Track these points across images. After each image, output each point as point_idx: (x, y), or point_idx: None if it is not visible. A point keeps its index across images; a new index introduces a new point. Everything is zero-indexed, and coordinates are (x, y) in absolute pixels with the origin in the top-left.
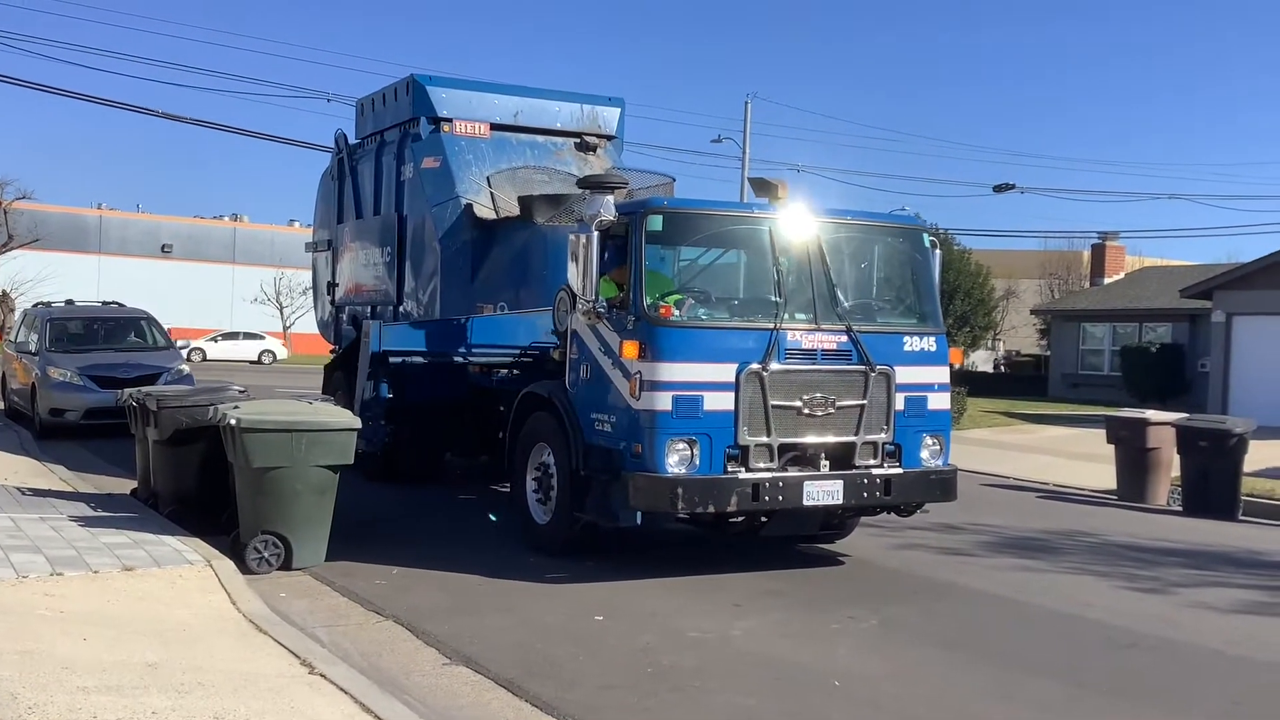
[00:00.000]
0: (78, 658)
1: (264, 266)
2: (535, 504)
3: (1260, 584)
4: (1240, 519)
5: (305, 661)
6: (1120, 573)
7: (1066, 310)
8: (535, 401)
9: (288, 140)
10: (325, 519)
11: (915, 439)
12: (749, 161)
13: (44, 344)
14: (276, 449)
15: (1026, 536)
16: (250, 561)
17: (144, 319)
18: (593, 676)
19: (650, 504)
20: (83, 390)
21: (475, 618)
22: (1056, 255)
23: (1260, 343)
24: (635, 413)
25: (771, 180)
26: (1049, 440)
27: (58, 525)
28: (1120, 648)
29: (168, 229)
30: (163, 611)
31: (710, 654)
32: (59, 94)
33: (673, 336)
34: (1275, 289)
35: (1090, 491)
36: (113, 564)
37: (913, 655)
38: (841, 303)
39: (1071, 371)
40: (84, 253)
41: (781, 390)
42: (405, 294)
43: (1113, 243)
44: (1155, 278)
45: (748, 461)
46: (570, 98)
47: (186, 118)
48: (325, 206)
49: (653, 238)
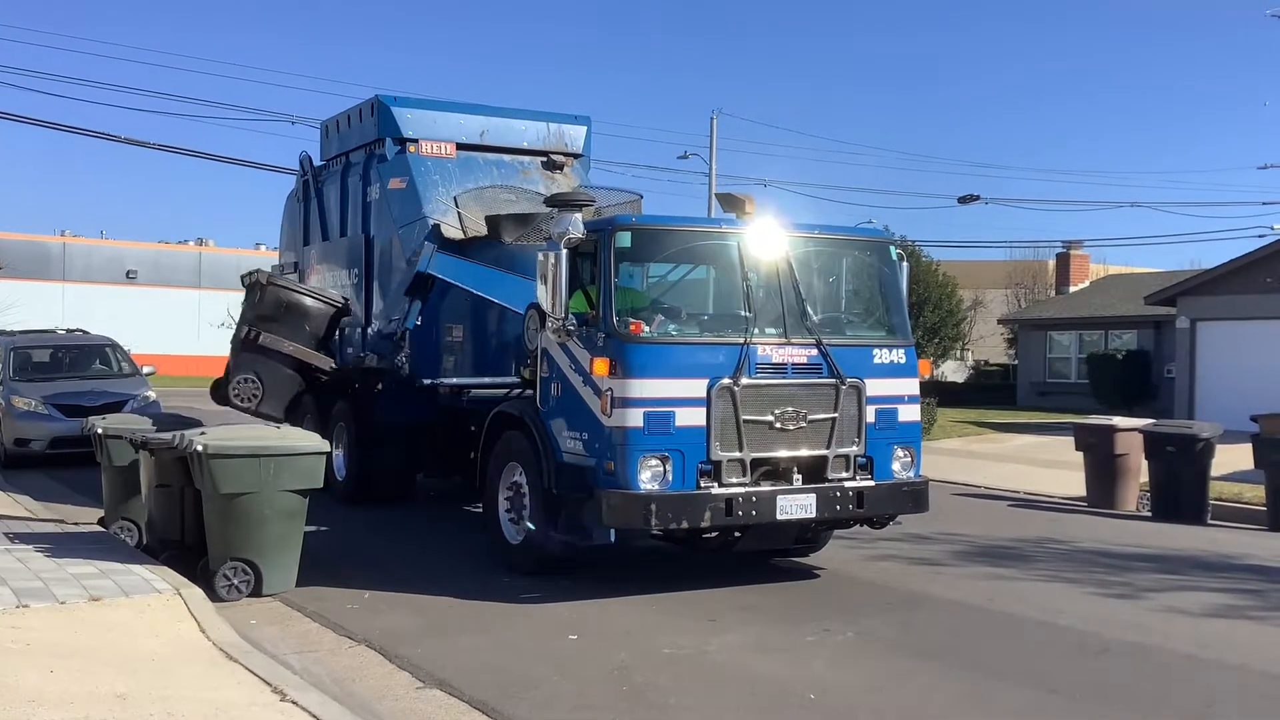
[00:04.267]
0: (45, 690)
1: (230, 291)
2: (508, 524)
3: (1230, 587)
4: (1209, 523)
5: (277, 689)
6: (1091, 579)
7: (1033, 319)
8: (506, 421)
9: (252, 163)
10: (295, 544)
11: (886, 451)
12: (716, 177)
13: (7, 373)
14: (244, 475)
15: (998, 545)
16: (220, 589)
17: (109, 346)
18: (568, 696)
19: (624, 521)
20: (48, 419)
21: (449, 640)
22: (1022, 265)
23: (1225, 348)
24: (607, 430)
25: (739, 195)
26: (1018, 449)
27: (23, 556)
28: (1093, 654)
29: (132, 255)
30: (131, 641)
31: (686, 670)
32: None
33: (643, 353)
34: (1238, 294)
35: (1060, 499)
36: (80, 594)
37: (888, 666)
38: (811, 316)
39: (1039, 380)
40: (47, 280)
41: (753, 405)
42: (374, 314)
43: (1077, 252)
44: (1120, 285)
45: (720, 477)
46: (536, 116)
47: (149, 143)
48: (291, 229)
49: (622, 254)
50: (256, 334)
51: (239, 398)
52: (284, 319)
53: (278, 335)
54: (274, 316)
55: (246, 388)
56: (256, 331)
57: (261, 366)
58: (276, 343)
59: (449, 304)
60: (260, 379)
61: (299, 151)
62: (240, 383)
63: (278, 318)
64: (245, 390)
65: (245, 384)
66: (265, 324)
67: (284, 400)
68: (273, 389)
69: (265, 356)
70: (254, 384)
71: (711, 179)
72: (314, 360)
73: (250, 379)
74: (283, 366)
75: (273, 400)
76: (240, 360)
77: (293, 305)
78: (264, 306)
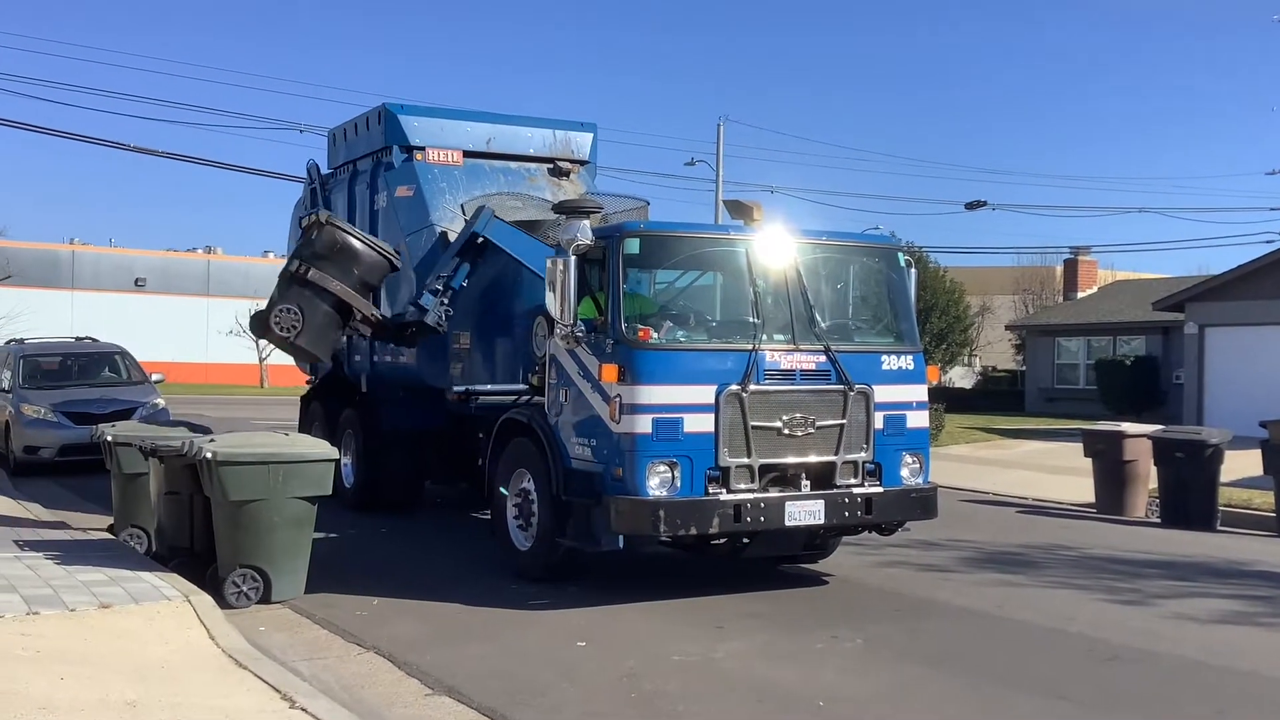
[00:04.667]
0: (55, 698)
1: (239, 298)
2: (516, 530)
3: (1240, 594)
4: (1218, 529)
5: (286, 696)
6: (1101, 585)
7: (1041, 325)
8: (514, 427)
9: (260, 171)
10: (304, 551)
11: (895, 457)
12: (723, 184)
13: (17, 381)
14: (253, 482)
15: (1007, 552)
16: (229, 596)
17: (118, 354)
18: (576, 703)
19: (632, 527)
20: (57, 427)
21: (457, 647)
22: (1030, 271)
23: (1233, 354)
24: (615, 436)
25: (746, 202)
26: (1027, 455)
27: (33, 563)
28: (1102, 660)
29: (141, 263)
30: (141, 648)
31: (694, 677)
32: (30, 129)
33: (652, 359)
34: (1246, 300)
35: (1069, 505)
36: (90, 602)
37: (897, 674)
38: (819, 323)
39: (1047, 386)
40: (56, 288)
41: (761, 411)
42: None
43: (1085, 257)
44: (1128, 291)
45: (729, 483)
46: (543, 123)
47: (158, 151)
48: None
49: (630, 261)
50: (306, 269)
51: (279, 326)
52: (335, 259)
53: (326, 274)
54: (325, 255)
55: (287, 318)
56: (306, 267)
57: (305, 301)
58: (324, 280)
59: (456, 312)
60: (302, 312)
61: (306, 160)
62: (281, 312)
63: (329, 257)
64: (285, 320)
65: (286, 314)
66: (316, 261)
67: (320, 339)
68: (311, 324)
69: (310, 292)
70: (295, 315)
71: (719, 185)
72: (357, 303)
73: (292, 310)
74: (325, 304)
75: (310, 335)
76: (285, 293)
77: (346, 248)
78: (317, 245)
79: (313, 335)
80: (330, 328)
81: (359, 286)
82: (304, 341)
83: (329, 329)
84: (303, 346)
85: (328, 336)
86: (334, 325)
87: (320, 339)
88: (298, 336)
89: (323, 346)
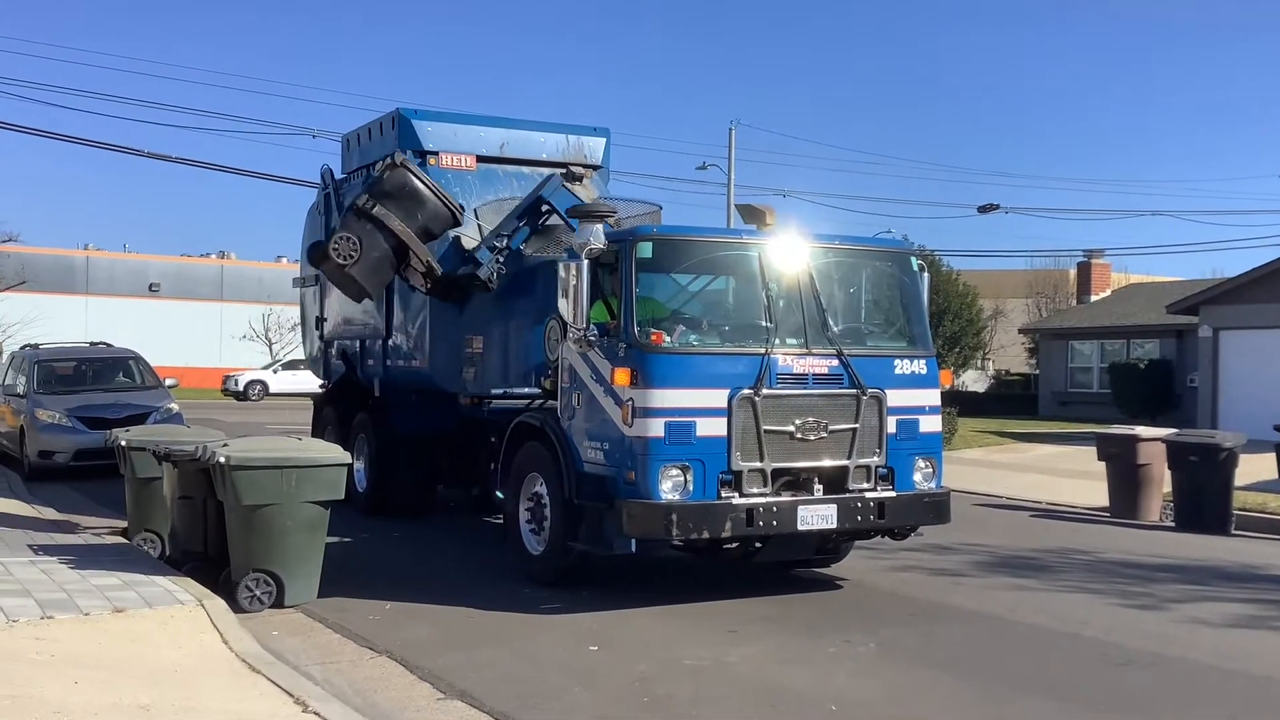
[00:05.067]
0: (70, 702)
1: (252, 303)
2: (529, 534)
3: (1254, 598)
4: (1233, 533)
5: (299, 700)
6: (1114, 590)
7: (1054, 329)
8: (527, 431)
9: (274, 177)
10: (317, 555)
11: (908, 462)
12: (734, 188)
13: (32, 386)
14: (266, 486)
15: (1020, 556)
16: (242, 600)
17: (132, 358)
18: (588, 708)
19: (644, 531)
20: (72, 432)
21: (469, 651)
22: (1043, 274)
23: (1247, 357)
24: (628, 440)
25: (759, 206)
26: (1040, 459)
27: (48, 568)
28: (1116, 665)
29: (155, 268)
30: (154, 653)
31: (707, 682)
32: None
33: (664, 363)
34: (1260, 303)
35: (1083, 509)
36: (103, 606)
37: (910, 678)
38: (832, 327)
39: (1061, 389)
40: (71, 294)
41: (774, 415)
42: (394, 327)
43: (1098, 260)
44: (1141, 294)
45: (741, 487)
46: (555, 128)
47: (172, 157)
48: (312, 242)
49: (643, 265)
50: (372, 204)
51: (336, 253)
52: (401, 201)
53: (391, 213)
54: (392, 195)
55: (345, 246)
56: (373, 202)
57: (366, 234)
58: (387, 217)
59: (468, 317)
60: (360, 243)
61: (320, 165)
62: (341, 240)
63: (396, 197)
64: (344, 248)
65: (345, 242)
66: (383, 199)
67: (373, 274)
68: (368, 256)
69: (373, 226)
70: (353, 245)
71: (730, 190)
72: (415, 247)
73: (352, 239)
74: (384, 242)
75: (364, 268)
76: (348, 223)
77: (414, 192)
78: (387, 183)
79: (367, 268)
80: (385, 265)
81: (420, 232)
82: (357, 272)
83: (383, 266)
84: (355, 276)
85: (381, 273)
86: (389, 264)
87: (373, 274)
88: (352, 266)
89: (374, 282)
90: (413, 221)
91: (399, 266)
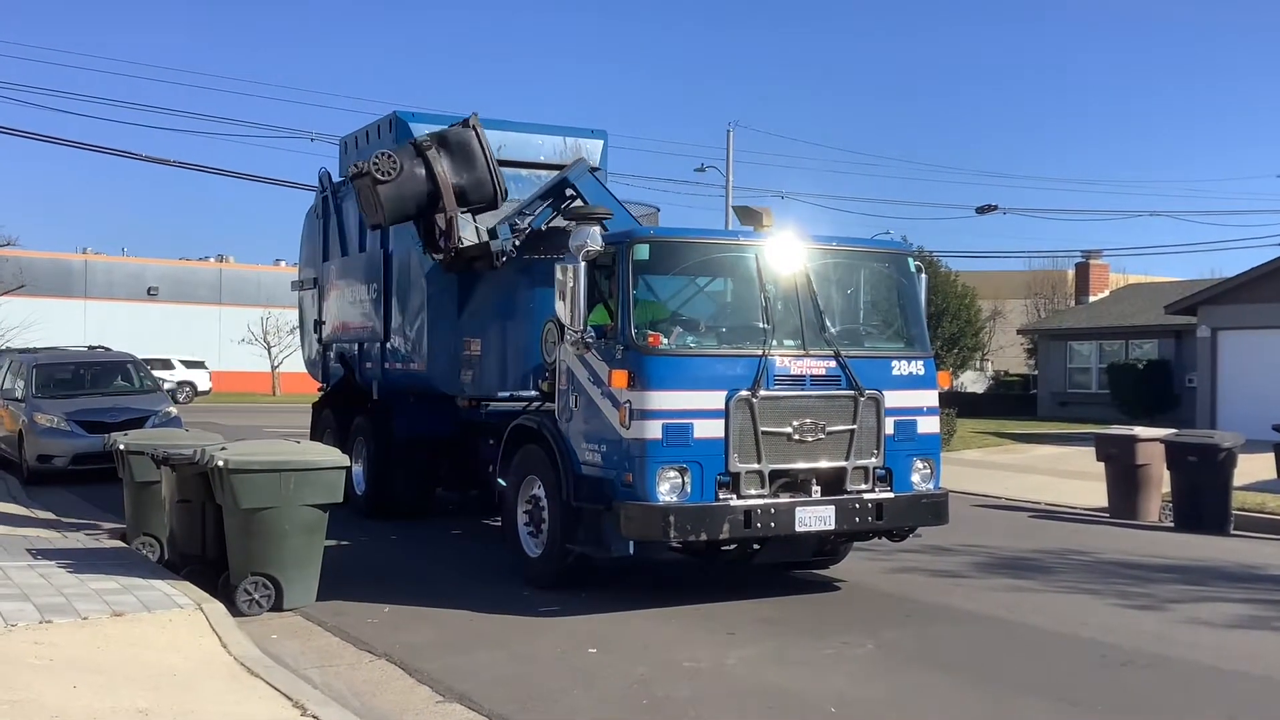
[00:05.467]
0: (68, 706)
1: (251, 306)
2: (527, 537)
3: (1254, 598)
4: (1232, 533)
5: (298, 703)
6: (1113, 590)
7: (1053, 329)
8: (525, 434)
9: (272, 180)
10: (315, 558)
11: (906, 463)
12: (732, 189)
13: (30, 390)
14: (264, 489)
15: (1019, 556)
16: (240, 603)
17: (130, 362)
18: (587, 710)
19: (642, 533)
20: (70, 436)
21: (468, 654)
22: (1041, 275)
23: (1246, 357)
24: (625, 442)
25: (756, 208)
26: (1039, 459)
27: (46, 572)
28: (1115, 666)
29: (153, 271)
30: (153, 657)
31: (705, 684)
32: (42, 140)
33: (661, 365)
34: (1259, 303)
35: (1082, 510)
36: (102, 610)
37: (909, 679)
38: (829, 328)
39: (1060, 390)
40: (69, 297)
41: (771, 416)
42: (393, 330)
43: (1096, 261)
44: (1140, 295)
45: (739, 488)
46: (553, 131)
47: (170, 160)
48: (310, 245)
49: (640, 267)
50: (430, 145)
51: (375, 167)
52: (456, 155)
53: (442, 159)
54: (451, 147)
55: (386, 163)
56: (431, 144)
57: (410, 166)
58: (436, 161)
59: (467, 319)
60: (400, 170)
61: (318, 168)
62: (385, 157)
63: (454, 151)
64: (384, 164)
65: (387, 159)
66: (441, 146)
67: (399, 204)
68: (402, 185)
69: (420, 164)
70: (394, 166)
71: (728, 191)
72: (449, 199)
73: (395, 160)
74: (423, 182)
75: (394, 192)
76: (399, 150)
77: (471, 155)
78: (451, 136)
79: (396, 194)
80: (412, 201)
81: (458, 191)
82: (385, 192)
83: (411, 201)
84: (381, 195)
85: (404, 208)
86: (416, 202)
87: (397, 203)
88: (384, 184)
89: (394, 210)
90: (457, 178)
91: (424, 212)
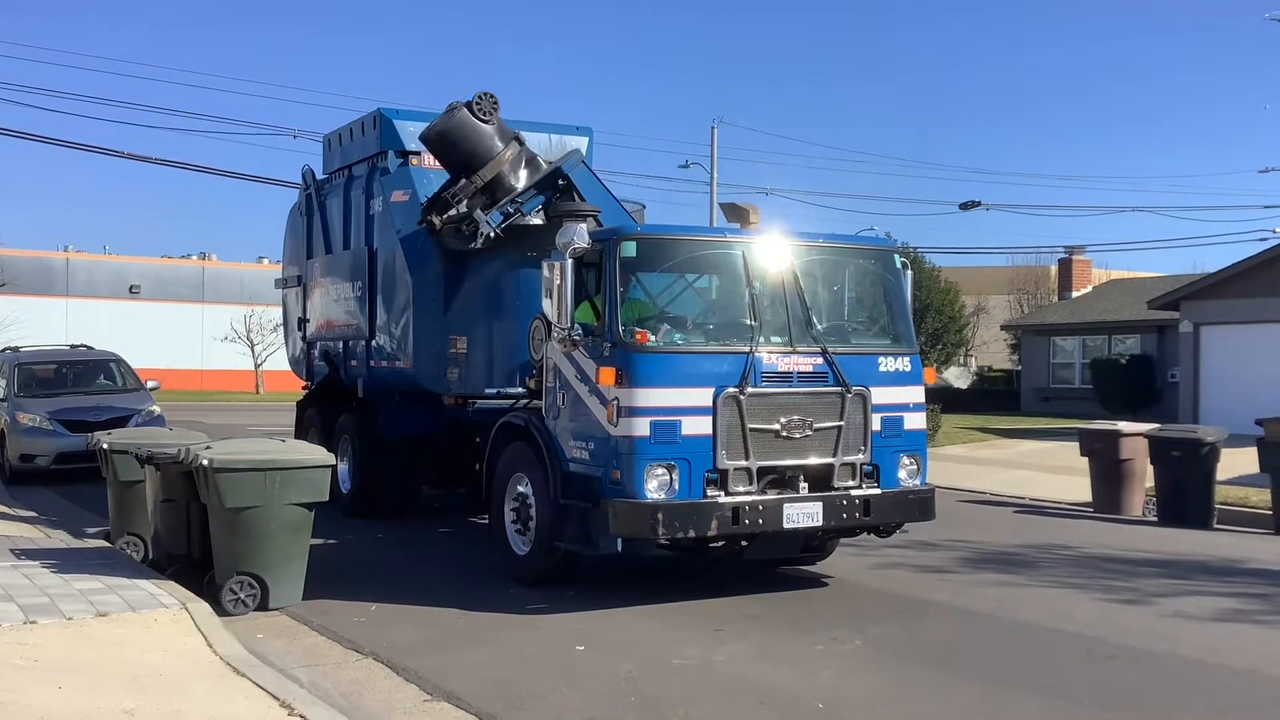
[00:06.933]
0: (53, 707)
1: (234, 304)
2: (514, 535)
3: (1237, 592)
4: (1215, 527)
5: (285, 703)
6: (1098, 585)
7: (1036, 325)
8: (512, 431)
9: (254, 177)
10: (301, 557)
11: (893, 459)
12: (718, 186)
13: (12, 389)
14: (250, 488)
15: (1005, 551)
16: (226, 603)
17: (113, 361)
18: (575, 708)
19: (630, 530)
20: (53, 435)
21: (455, 652)
22: (1024, 270)
23: (1228, 352)
24: (613, 439)
25: (742, 205)
26: (1024, 455)
27: (30, 572)
28: (1100, 659)
29: (135, 269)
30: (138, 657)
31: (693, 681)
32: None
33: (649, 362)
34: (1241, 298)
35: (1066, 504)
36: (87, 610)
37: (896, 675)
38: (816, 325)
39: (1043, 385)
40: (51, 295)
41: (759, 413)
42: (378, 328)
43: (1079, 257)
44: (1122, 290)
45: (727, 485)
46: (538, 128)
47: (152, 158)
48: (294, 242)
49: (626, 264)
50: (515, 136)
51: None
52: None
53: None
54: (525, 150)
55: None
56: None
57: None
58: (511, 146)
59: (453, 316)
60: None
61: (301, 165)
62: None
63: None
64: (486, 104)
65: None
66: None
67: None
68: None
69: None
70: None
71: (713, 188)
72: (491, 169)
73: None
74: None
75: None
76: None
77: (535, 164)
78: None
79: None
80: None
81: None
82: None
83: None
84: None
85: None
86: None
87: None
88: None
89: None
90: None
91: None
